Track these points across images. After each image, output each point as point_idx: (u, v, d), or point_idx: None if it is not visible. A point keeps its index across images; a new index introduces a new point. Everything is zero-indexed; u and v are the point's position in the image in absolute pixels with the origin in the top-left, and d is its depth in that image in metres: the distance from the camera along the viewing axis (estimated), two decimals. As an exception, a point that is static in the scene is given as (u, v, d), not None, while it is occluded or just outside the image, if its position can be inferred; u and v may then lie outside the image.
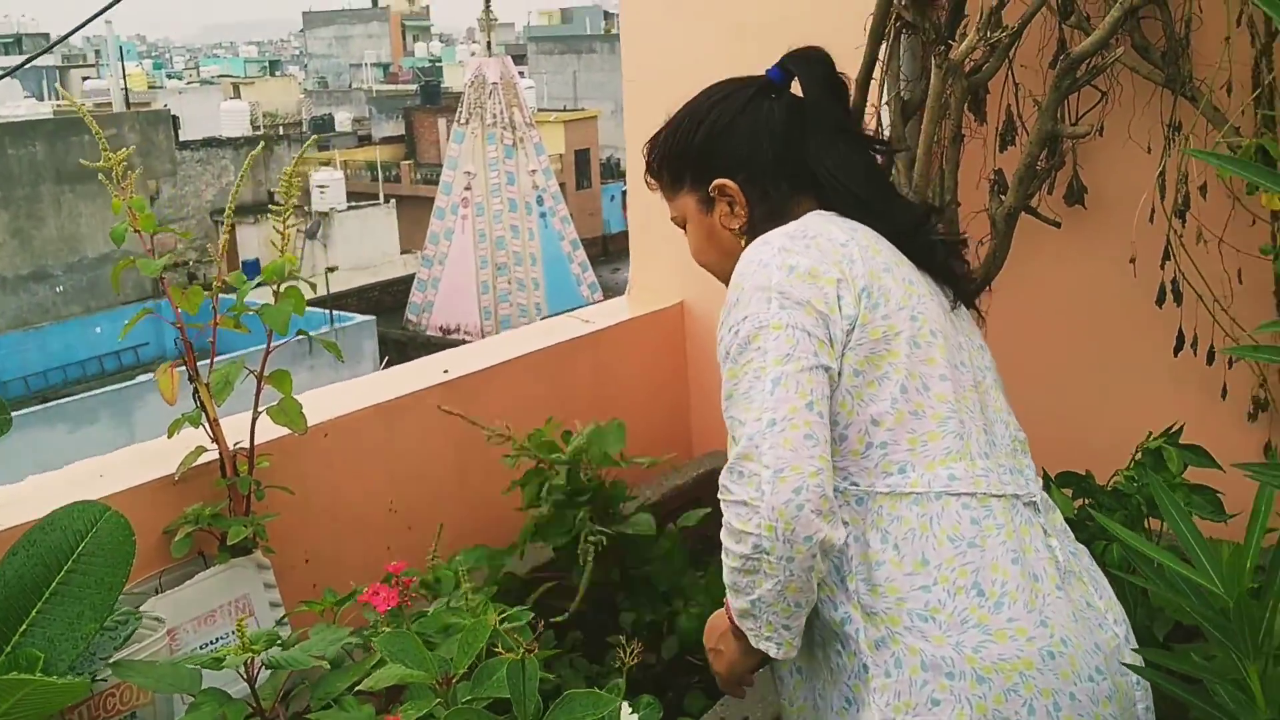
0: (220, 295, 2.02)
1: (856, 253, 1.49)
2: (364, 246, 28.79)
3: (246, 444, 2.09)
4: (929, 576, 1.39)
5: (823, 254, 1.47)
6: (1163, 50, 2.36)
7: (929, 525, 1.40)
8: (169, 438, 2.06)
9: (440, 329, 24.83)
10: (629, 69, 3.16)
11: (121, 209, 2.02)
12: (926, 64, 2.50)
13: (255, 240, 28.58)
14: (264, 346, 2.05)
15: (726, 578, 1.45)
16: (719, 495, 1.44)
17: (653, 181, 1.76)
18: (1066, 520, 1.68)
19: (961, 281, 1.66)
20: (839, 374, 1.43)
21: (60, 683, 1.10)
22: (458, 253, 24.62)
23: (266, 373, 2.04)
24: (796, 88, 1.68)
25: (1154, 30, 2.37)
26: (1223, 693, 1.38)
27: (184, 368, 2.04)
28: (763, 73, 1.69)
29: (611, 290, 27.43)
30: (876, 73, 2.44)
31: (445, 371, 2.64)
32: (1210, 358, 2.47)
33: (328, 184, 28.87)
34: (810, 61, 1.66)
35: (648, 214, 3.24)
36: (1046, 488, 1.76)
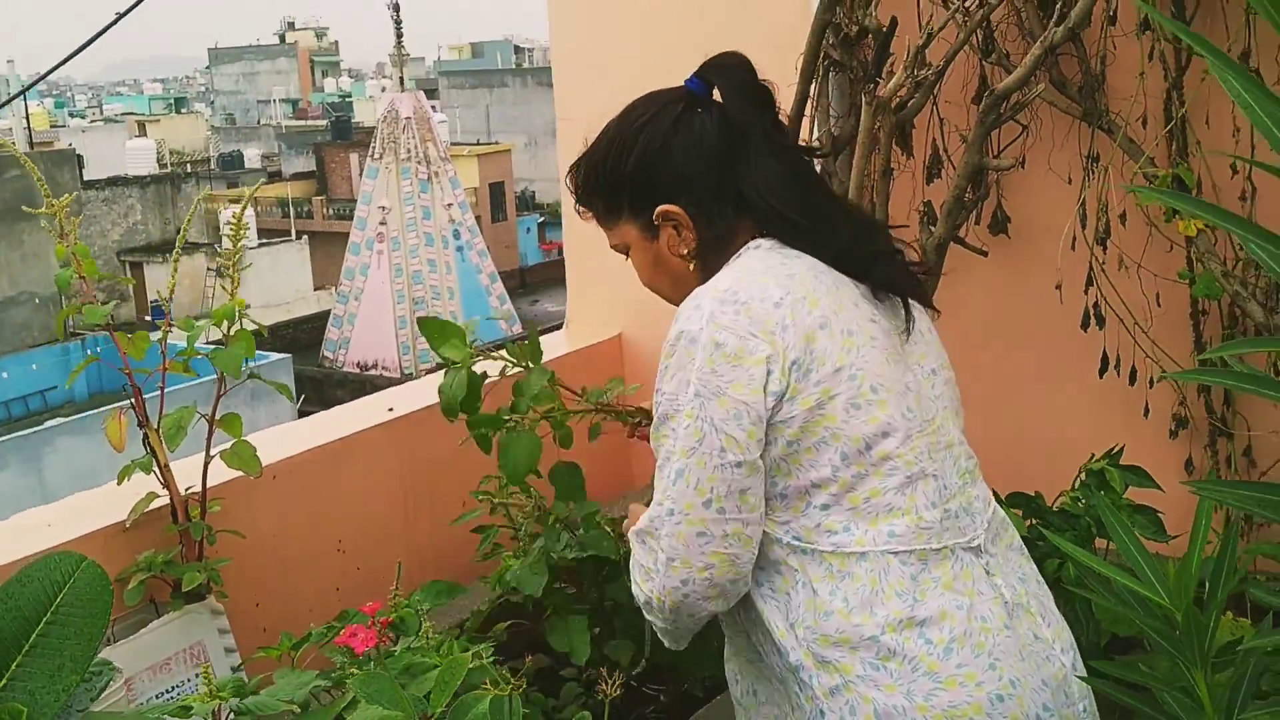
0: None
1: (789, 315, 1.42)
2: (276, 283, 28.40)
3: (197, 488, 2.08)
4: (877, 626, 1.40)
5: (754, 323, 1.41)
6: (1079, 85, 2.47)
7: (879, 581, 1.41)
8: (119, 484, 2.04)
9: (357, 365, 24.58)
10: (562, 107, 3.21)
11: (66, 254, 2.01)
12: (855, 100, 2.59)
13: (164, 279, 28.01)
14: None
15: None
16: (633, 543, 1.51)
17: (585, 210, 1.67)
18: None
19: (906, 294, 1.57)
20: (766, 448, 1.41)
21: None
22: (374, 288, 24.43)
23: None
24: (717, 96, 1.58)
25: (1071, 66, 2.48)
26: (1171, 700, 1.45)
27: (132, 413, 2.03)
28: (681, 84, 1.58)
29: (530, 323, 27.37)
30: (808, 109, 2.51)
31: (390, 410, 2.65)
32: (1133, 378, 2.57)
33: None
34: (729, 69, 1.57)
35: (583, 247, 3.29)
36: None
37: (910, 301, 1.56)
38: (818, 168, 1.71)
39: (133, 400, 2.03)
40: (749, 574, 1.46)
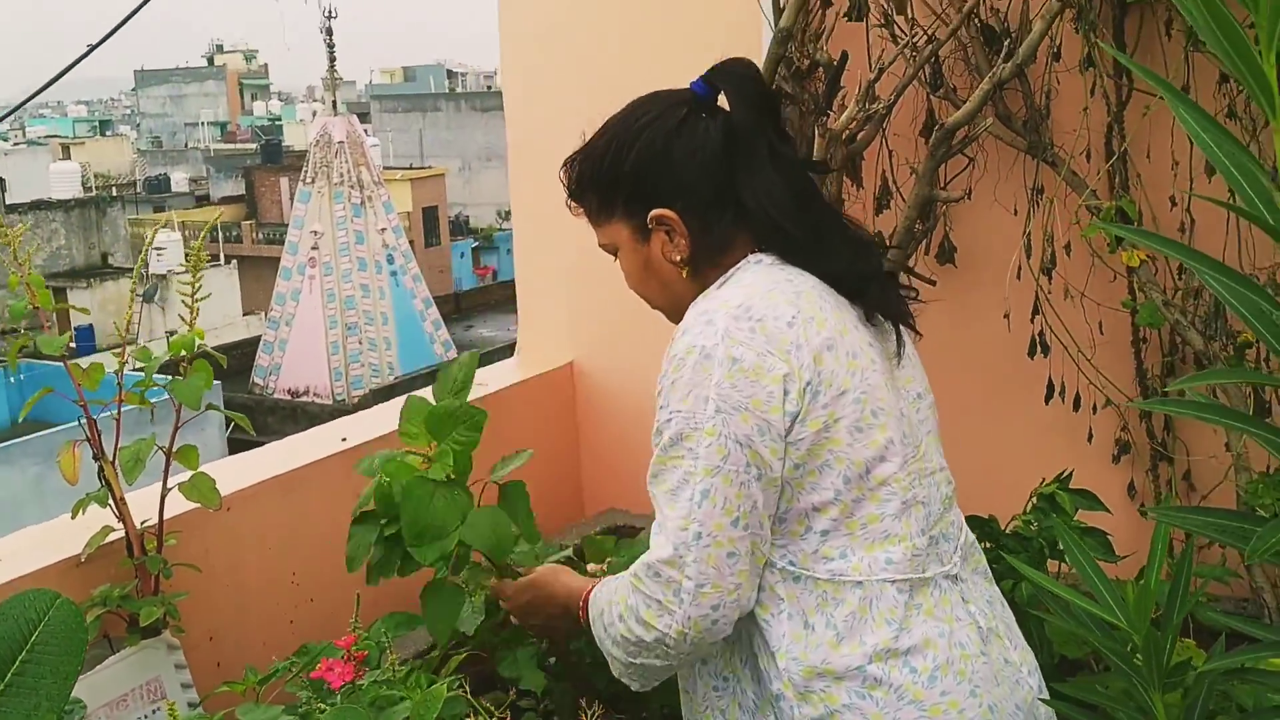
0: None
1: (802, 335, 1.42)
2: (204, 308, 27.83)
3: (153, 521, 2.05)
4: (864, 655, 1.41)
5: (769, 341, 1.41)
6: (1025, 120, 2.54)
7: (868, 608, 1.43)
8: (72, 517, 2.01)
9: (289, 392, 24.26)
10: (513, 132, 3.22)
11: (19, 285, 1.98)
12: (806, 132, 2.63)
13: (88, 304, 27.53)
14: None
15: (611, 642, 1.51)
16: (631, 579, 1.47)
17: (575, 206, 1.64)
18: None
19: (898, 318, 1.58)
20: (782, 466, 1.41)
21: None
22: (305, 313, 24.14)
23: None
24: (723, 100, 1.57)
25: (1016, 101, 2.54)
26: (1128, 720, 1.48)
27: (86, 445, 2.00)
28: (686, 86, 1.58)
29: (465, 348, 27.23)
30: (761, 141, 2.55)
31: (343, 440, 2.63)
32: (1077, 405, 2.64)
33: (165, 245, 27.99)
34: (739, 78, 1.55)
35: (534, 274, 3.30)
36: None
37: (900, 326, 1.57)
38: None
39: (87, 433, 2.00)
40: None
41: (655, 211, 1.53)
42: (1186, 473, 2.61)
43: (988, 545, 2.15)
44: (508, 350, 3.69)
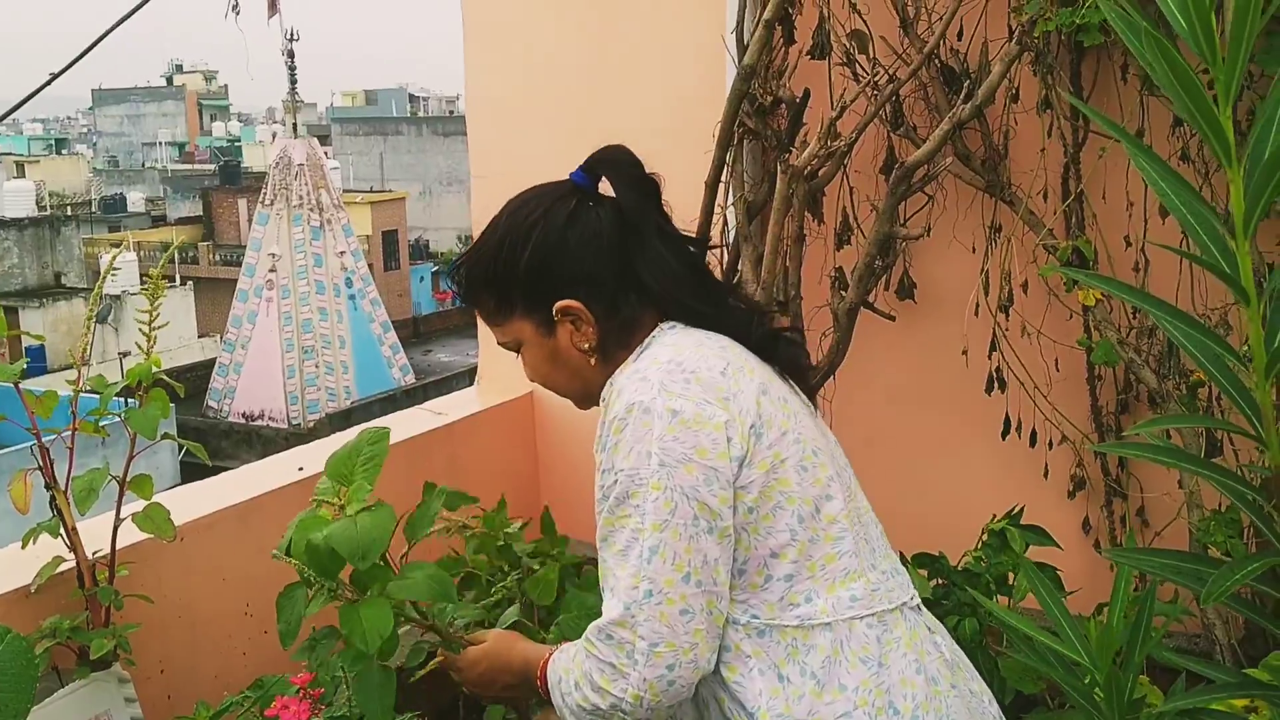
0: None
1: (735, 383, 1.44)
2: (160, 331, 27.66)
3: (105, 551, 2.02)
4: (849, 702, 1.40)
5: (705, 390, 1.42)
6: (983, 159, 2.57)
7: (840, 649, 1.42)
8: (23, 547, 1.97)
9: (243, 415, 24.02)
10: (477, 165, 3.22)
11: (-28, 311, 1.95)
12: (768, 168, 2.66)
13: (40, 325, 27.16)
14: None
15: (569, 711, 1.47)
16: (584, 645, 1.44)
17: (471, 307, 1.63)
18: (924, 600, 1.77)
19: (806, 375, 1.63)
20: (733, 514, 1.41)
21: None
22: (261, 336, 23.95)
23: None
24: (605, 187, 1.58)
25: (975, 140, 2.58)
26: (1087, 758, 1.49)
27: (38, 474, 1.97)
28: (567, 177, 1.58)
29: (423, 373, 27.11)
30: (724, 175, 2.57)
31: (300, 469, 2.61)
32: (1033, 441, 2.66)
33: (120, 266, 27.73)
34: (619, 164, 1.55)
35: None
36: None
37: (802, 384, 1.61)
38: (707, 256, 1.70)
39: (39, 460, 1.97)
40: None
41: (560, 303, 1.52)
42: (1140, 509, 2.64)
43: (937, 582, 2.17)
44: (466, 376, 3.68)
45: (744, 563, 1.43)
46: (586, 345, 1.54)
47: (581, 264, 1.52)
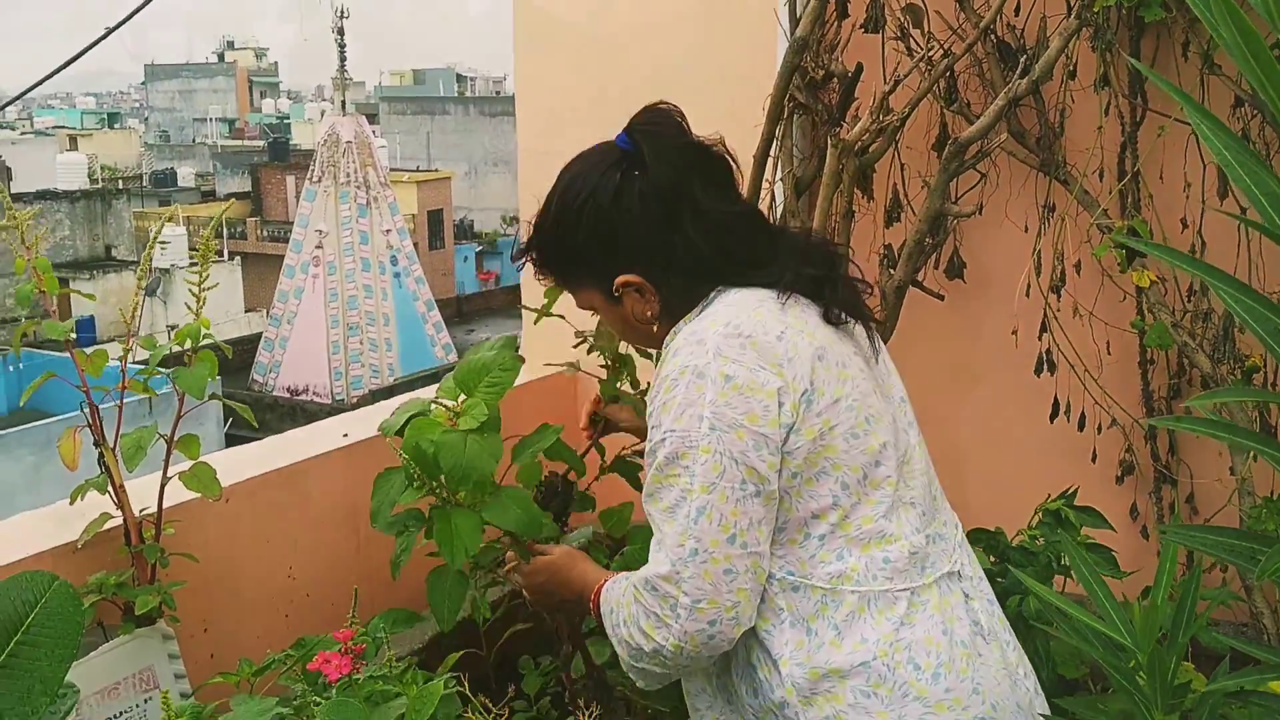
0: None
1: (792, 347, 1.44)
2: (207, 304, 27.90)
3: (151, 509, 2.04)
4: (868, 652, 1.42)
5: (761, 356, 1.42)
6: (1038, 137, 2.53)
7: (866, 607, 1.44)
8: (71, 503, 2.00)
9: (288, 390, 24.24)
10: (524, 138, 3.22)
11: (25, 269, 1.97)
12: (818, 143, 2.63)
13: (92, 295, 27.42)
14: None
15: (616, 641, 1.52)
16: (632, 589, 1.48)
17: (545, 278, 1.68)
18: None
19: (864, 312, 1.59)
20: (779, 478, 1.43)
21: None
22: (307, 312, 24.15)
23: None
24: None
25: (1030, 118, 2.54)
26: (1131, 740, 1.47)
27: (88, 431, 1.99)
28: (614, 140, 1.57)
29: (465, 352, 27.18)
30: (773, 150, 2.55)
31: (345, 436, 2.62)
32: (1081, 424, 2.63)
33: (169, 240, 28.01)
34: (657, 134, 1.54)
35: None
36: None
37: (870, 326, 1.60)
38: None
39: (89, 419, 1.99)
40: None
41: (620, 279, 1.56)
42: (1190, 496, 2.60)
43: (993, 559, 2.15)
44: (510, 353, 3.67)
45: (784, 522, 1.46)
46: (650, 313, 1.58)
47: (633, 238, 1.53)
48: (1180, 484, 2.59)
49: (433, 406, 1.96)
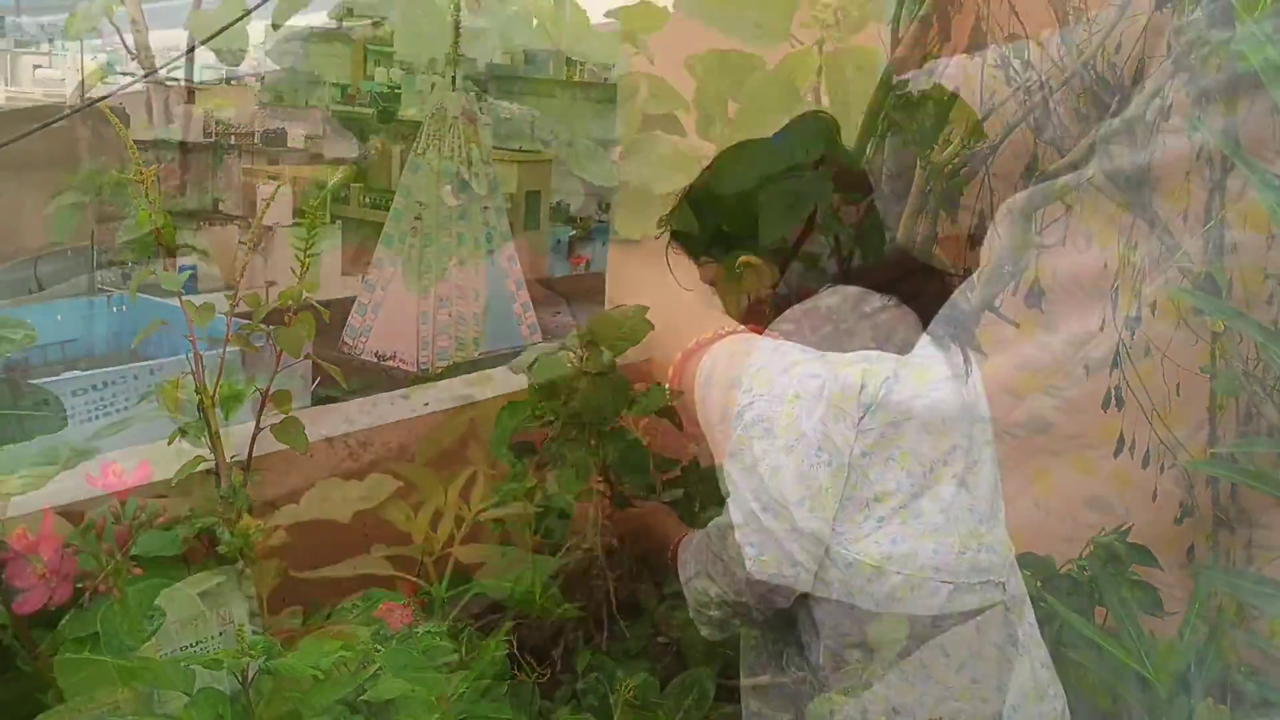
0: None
1: (884, 335, 1.57)
2: (313, 257, 28.42)
3: (241, 457, 2.16)
4: (900, 631, 1.50)
5: (852, 339, 1.56)
6: (1126, 174, 2.55)
7: (909, 592, 1.52)
8: (169, 444, 2.13)
9: (376, 354, 24.56)
10: (625, 128, 3.30)
11: (147, 221, 2.10)
12: (908, 162, 2.68)
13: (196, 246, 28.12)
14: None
15: (686, 591, 1.64)
16: (703, 538, 1.61)
17: (676, 247, 1.83)
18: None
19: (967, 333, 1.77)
20: (850, 453, 1.52)
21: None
22: (401, 281, 24.49)
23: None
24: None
25: (1120, 155, 2.55)
26: (1152, 770, 1.51)
27: (190, 379, 2.12)
28: (768, 136, 1.75)
29: (550, 334, 27.41)
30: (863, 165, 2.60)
31: (426, 405, 2.74)
32: (1146, 462, 2.64)
33: (276, 200, 28.65)
34: (812, 136, 1.73)
35: (624, 267, 3.37)
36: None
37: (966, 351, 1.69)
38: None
39: (193, 367, 2.11)
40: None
41: (742, 259, 1.70)
42: (1249, 542, 2.60)
43: (1038, 583, 2.19)
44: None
45: (847, 498, 1.53)
46: (764, 297, 1.71)
47: (762, 223, 1.68)
48: (1238, 531, 2.59)
49: (561, 351, 2.09)
